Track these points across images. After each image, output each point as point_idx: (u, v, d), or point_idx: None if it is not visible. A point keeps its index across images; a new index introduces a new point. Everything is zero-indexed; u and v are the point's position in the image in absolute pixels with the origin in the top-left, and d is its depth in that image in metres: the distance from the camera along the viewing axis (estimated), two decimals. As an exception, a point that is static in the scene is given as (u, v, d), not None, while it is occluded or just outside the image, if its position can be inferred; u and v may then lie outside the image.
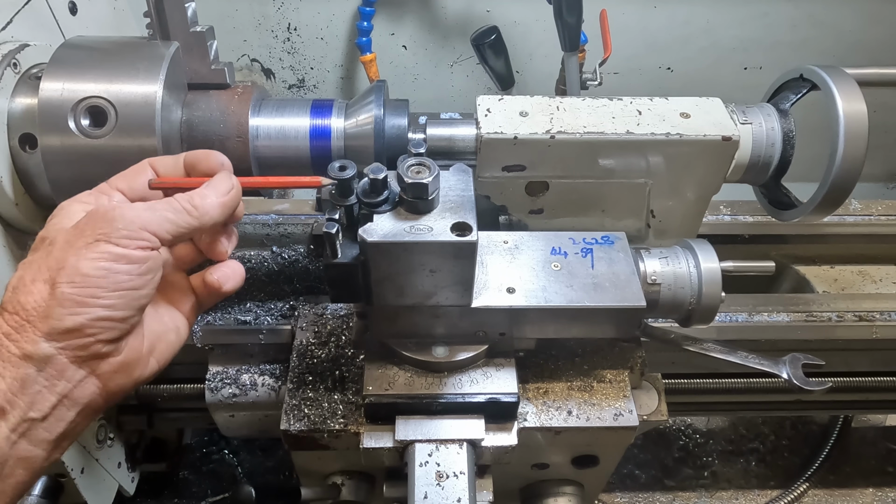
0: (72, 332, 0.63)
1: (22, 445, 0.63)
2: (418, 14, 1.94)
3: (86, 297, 0.63)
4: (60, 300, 0.62)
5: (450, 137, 0.95)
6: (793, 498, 1.53)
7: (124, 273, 0.65)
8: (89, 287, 0.63)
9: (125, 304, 0.66)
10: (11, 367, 0.61)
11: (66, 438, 0.67)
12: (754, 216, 1.35)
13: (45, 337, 0.62)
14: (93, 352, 0.65)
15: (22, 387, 0.62)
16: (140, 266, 0.66)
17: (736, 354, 0.93)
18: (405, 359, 0.90)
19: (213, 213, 0.72)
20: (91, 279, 0.63)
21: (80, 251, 0.64)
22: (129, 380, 0.70)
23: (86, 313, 0.63)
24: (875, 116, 0.95)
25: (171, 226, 0.69)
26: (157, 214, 0.69)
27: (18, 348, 0.62)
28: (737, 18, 1.95)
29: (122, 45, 0.97)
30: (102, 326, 0.64)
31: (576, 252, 0.90)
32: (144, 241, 0.67)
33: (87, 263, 0.63)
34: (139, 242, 0.66)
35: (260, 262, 1.09)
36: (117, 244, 0.65)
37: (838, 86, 0.96)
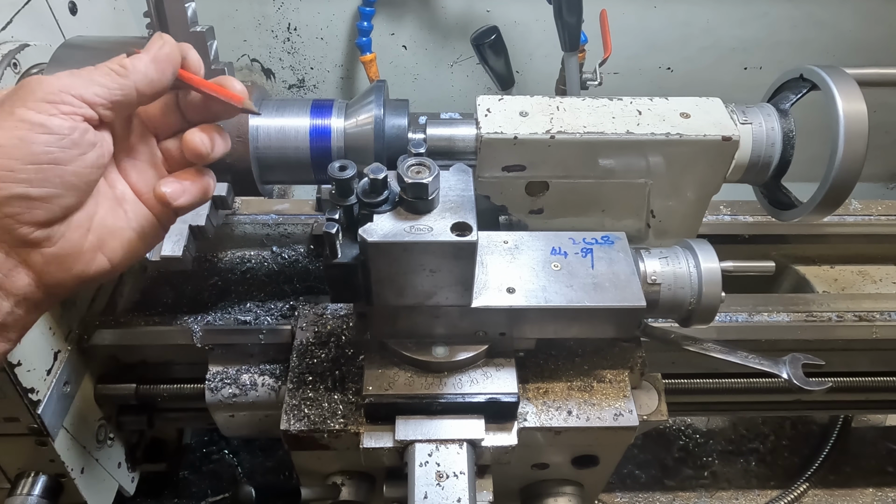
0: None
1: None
2: (418, 14, 1.94)
3: (2, 171, 0.59)
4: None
5: (450, 137, 0.95)
6: (793, 498, 1.53)
7: (42, 143, 0.60)
8: (3, 159, 0.59)
9: (44, 180, 0.61)
10: None
11: (8, 329, 0.64)
12: (754, 216, 1.35)
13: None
14: (18, 237, 0.61)
15: None
16: (62, 137, 0.61)
17: (736, 354, 0.93)
18: (405, 359, 0.90)
19: (146, 71, 0.66)
20: (4, 149, 0.59)
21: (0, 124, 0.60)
22: (67, 274, 0.65)
23: (2, 188, 0.59)
24: (875, 116, 0.95)
25: (99, 88, 0.64)
26: (82, 78, 0.64)
27: None
28: (737, 18, 1.95)
29: (122, 45, 0.96)
30: (21, 206, 0.60)
31: (576, 252, 0.90)
32: (66, 104, 0.62)
33: (2, 134, 0.59)
34: (60, 107, 0.61)
35: (260, 262, 1.09)
36: (34, 109, 0.60)
37: (838, 86, 0.96)
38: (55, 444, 1.02)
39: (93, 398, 1.11)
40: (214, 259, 1.10)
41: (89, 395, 1.11)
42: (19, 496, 1.08)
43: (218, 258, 1.10)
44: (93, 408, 1.12)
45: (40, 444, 1.02)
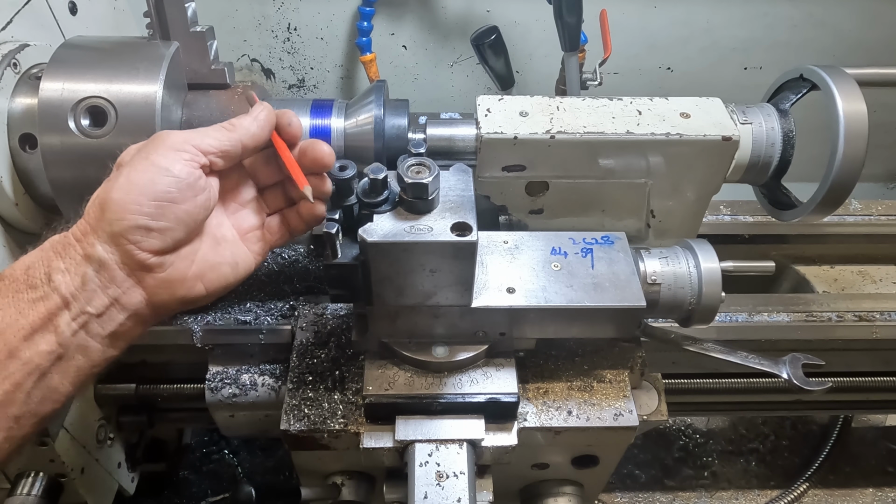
0: (118, 235, 0.71)
1: (81, 335, 0.72)
2: (418, 14, 1.94)
3: (129, 203, 0.70)
4: (110, 205, 0.71)
5: (450, 137, 0.95)
6: (793, 498, 1.53)
7: (165, 184, 0.72)
8: (133, 194, 0.71)
9: (162, 215, 0.72)
10: (76, 265, 0.71)
11: (119, 339, 0.75)
12: (754, 216, 1.35)
13: (99, 241, 0.71)
14: (138, 261, 0.72)
15: (82, 284, 0.71)
16: (181, 180, 0.73)
17: (736, 354, 0.93)
18: (405, 359, 0.90)
19: (249, 127, 0.78)
20: (135, 186, 0.71)
21: (134, 165, 0.72)
22: (171, 297, 0.76)
23: (128, 220, 0.70)
24: (875, 116, 0.95)
25: (213, 141, 0.76)
26: (200, 133, 0.76)
27: (83, 249, 0.71)
28: (737, 18, 1.95)
29: (122, 45, 0.97)
30: (142, 235, 0.71)
31: (576, 252, 0.90)
32: (187, 152, 0.74)
33: (135, 174, 0.71)
34: (183, 155, 0.73)
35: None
36: (163, 155, 0.73)
37: (838, 86, 0.96)
38: (55, 444, 1.02)
39: (93, 398, 1.11)
40: (214, 259, 1.10)
41: (89, 395, 1.11)
42: (19, 496, 1.08)
43: (218, 258, 1.10)
44: (93, 408, 1.12)
45: (40, 444, 1.02)
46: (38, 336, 0.70)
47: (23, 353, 0.69)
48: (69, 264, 0.71)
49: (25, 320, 0.69)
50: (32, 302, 0.70)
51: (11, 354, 0.68)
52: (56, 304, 0.70)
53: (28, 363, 0.69)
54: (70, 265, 0.71)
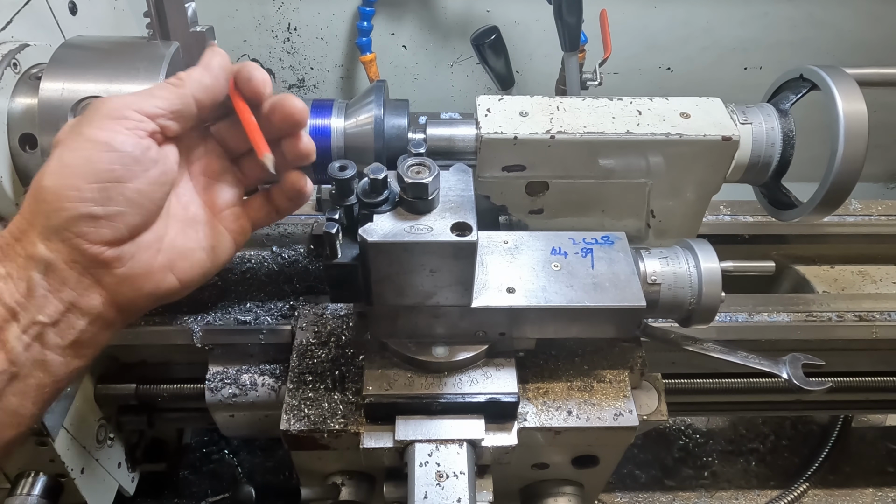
0: (59, 229, 0.61)
1: (35, 348, 0.63)
2: (418, 14, 1.94)
3: (65, 189, 0.60)
4: (43, 195, 0.61)
5: (450, 137, 0.95)
6: (793, 498, 1.53)
7: (105, 161, 0.61)
8: (68, 178, 0.60)
9: (108, 199, 0.62)
10: (18, 269, 0.61)
11: (83, 347, 0.66)
12: (754, 216, 1.35)
13: (40, 238, 0.61)
14: (89, 257, 0.62)
15: (28, 290, 0.61)
16: (126, 154, 0.62)
17: (736, 354, 0.93)
18: (405, 359, 0.90)
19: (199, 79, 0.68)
20: (69, 169, 0.61)
21: (66, 143, 0.62)
22: (138, 294, 0.67)
23: (67, 209, 0.60)
24: (875, 116, 0.95)
25: (159, 101, 0.65)
26: (142, 95, 0.65)
27: (23, 250, 0.62)
28: (737, 18, 1.96)
29: (122, 45, 0.97)
30: (88, 225, 0.61)
31: (576, 252, 0.90)
32: (128, 119, 0.63)
33: (69, 154, 0.61)
34: (124, 123, 0.63)
35: (260, 262, 1.09)
36: (98, 127, 0.62)
37: (838, 86, 0.96)
38: (55, 444, 1.02)
39: (93, 398, 1.11)
40: (214, 259, 1.10)
41: (89, 395, 1.11)
42: (19, 496, 1.08)
43: (218, 258, 1.10)
44: (93, 408, 1.12)
45: (40, 444, 1.02)
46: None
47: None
48: (10, 268, 0.61)
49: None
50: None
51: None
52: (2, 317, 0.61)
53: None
54: (11, 269, 0.61)
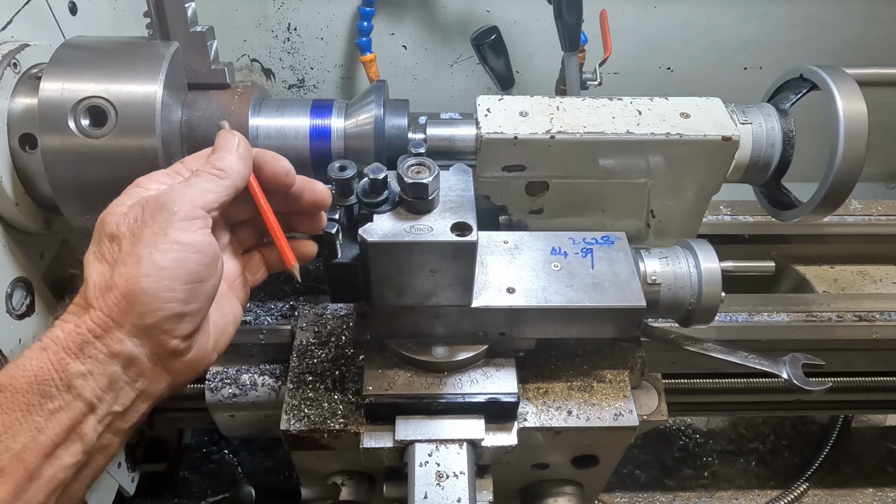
0: (152, 328, 0.64)
1: (106, 436, 0.65)
2: (418, 14, 1.94)
3: (163, 291, 0.64)
4: (142, 296, 0.63)
5: (450, 137, 0.95)
6: (793, 498, 1.53)
7: (193, 262, 0.66)
8: (166, 280, 0.64)
9: (195, 297, 0.66)
10: (100, 365, 0.63)
11: (135, 426, 0.69)
12: (754, 216, 1.35)
13: (128, 335, 0.64)
14: (169, 349, 0.66)
15: (109, 384, 0.64)
16: (205, 254, 0.67)
17: (736, 354, 0.93)
18: (405, 359, 0.90)
19: (238, 168, 0.72)
20: (166, 271, 0.64)
21: (151, 243, 0.65)
22: (194, 374, 0.71)
23: (164, 308, 0.64)
24: (875, 116, 0.95)
25: (211, 195, 0.69)
26: (196, 189, 0.69)
27: (106, 346, 0.63)
28: (737, 18, 1.95)
29: (122, 45, 0.97)
30: (175, 322, 0.65)
31: (576, 252, 0.90)
32: (199, 219, 0.67)
33: (160, 256, 0.64)
34: (197, 223, 0.67)
35: (260, 262, 1.09)
36: (182, 229, 0.66)
37: (838, 86, 0.96)
38: (55, 444, 1.02)
39: (93, 398, 1.11)
40: (214, 259, 1.10)
41: (89, 395, 1.11)
42: (19, 496, 1.07)
43: (218, 258, 1.10)
44: (93, 408, 1.12)
45: (40, 444, 1.01)
46: (62, 450, 0.62)
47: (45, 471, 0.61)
48: (92, 366, 0.63)
49: (45, 436, 0.61)
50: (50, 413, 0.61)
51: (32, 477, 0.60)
52: (80, 412, 0.62)
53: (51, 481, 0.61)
54: (93, 367, 0.63)
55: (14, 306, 0.96)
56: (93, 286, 0.65)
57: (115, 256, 0.65)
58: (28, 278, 0.99)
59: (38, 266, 1.02)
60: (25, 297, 0.99)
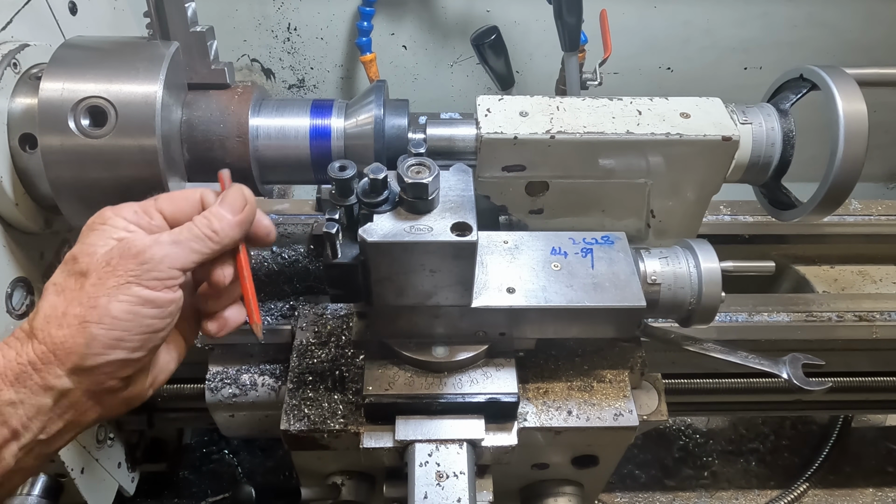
0: (92, 369, 0.65)
1: (26, 461, 0.66)
2: (418, 14, 1.94)
3: (113, 340, 0.65)
4: (89, 341, 0.64)
5: (450, 137, 0.95)
6: (793, 498, 1.53)
7: (150, 317, 0.67)
8: (117, 330, 0.65)
9: (144, 346, 0.67)
10: (32, 395, 0.64)
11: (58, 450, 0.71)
12: (754, 216, 1.35)
13: (67, 373, 0.64)
14: (106, 388, 0.67)
15: (37, 413, 0.65)
16: (165, 309, 0.68)
17: (736, 354, 0.93)
18: (405, 359, 0.90)
19: (232, 234, 0.72)
20: (119, 322, 0.65)
21: (112, 292, 0.65)
22: (127, 408, 0.72)
23: (109, 354, 0.65)
24: (875, 116, 0.95)
25: (196, 256, 0.69)
26: (183, 248, 0.69)
27: (42, 379, 0.64)
28: (737, 18, 1.95)
29: (122, 45, 0.97)
30: (118, 366, 0.67)
31: (576, 252, 0.90)
32: (172, 279, 0.68)
33: (117, 306, 0.65)
34: (167, 283, 0.67)
35: (260, 262, 1.09)
36: (147, 287, 0.66)
37: (838, 86, 0.96)
38: (55, 444, 1.02)
39: (93, 398, 1.11)
40: (214, 259, 1.10)
41: (89, 395, 1.11)
42: (19, 496, 1.08)
43: (218, 258, 1.10)
44: (93, 408, 1.12)
45: (40, 444, 1.02)
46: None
47: None
48: (24, 395, 0.63)
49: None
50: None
51: None
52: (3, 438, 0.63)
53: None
54: (25, 396, 0.63)
55: (14, 306, 0.96)
56: (42, 317, 0.65)
57: (75, 295, 0.65)
58: (28, 278, 0.99)
59: (38, 266, 1.02)
60: (25, 297, 0.99)
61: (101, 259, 0.66)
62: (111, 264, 0.66)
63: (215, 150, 0.95)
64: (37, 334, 0.65)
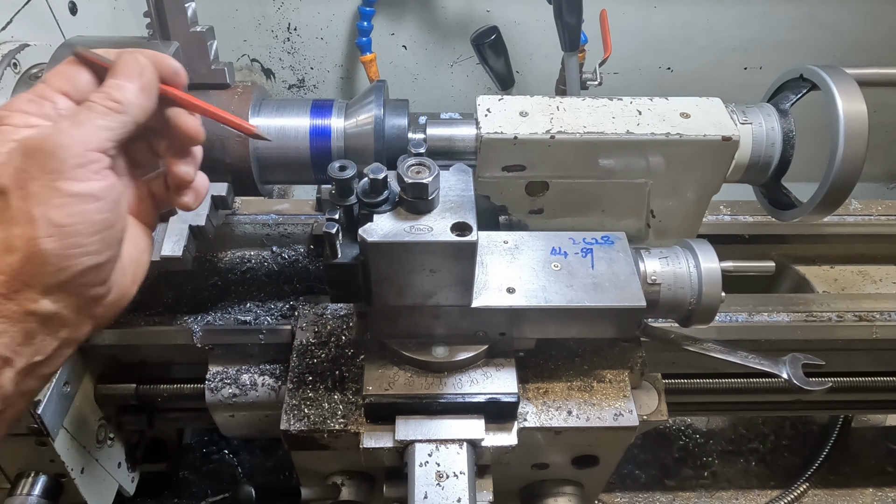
0: (65, 284, 0.62)
1: (27, 383, 0.64)
2: (418, 14, 1.94)
3: (71, 248, 0.61)
4: (45, 257, 0.60)
5: (450, 137, 0.95)
6: (793, 498, 1.53)
7: (96, 212, 0.62)
8: (70, 237, 0.60)
9: (106, 244, 0.64)
10: (15, 323, 0.61)
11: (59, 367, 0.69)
12: (754, 216, 1.35)
13: (42, 294, 0.61)
14: (88, 298, 0.65)
15: (26, 338, 0.62)
16: (106, 200, 0.63)
17: (736, 354, 0.93)
18: (405, 359, 0.90)
19: (139, 102, 0.66)
20: (68, 228, 0.60)
21: (44, 199, 0.59)
22: (116, 312, 0.70)
23: (75, 264, 0.61)
24: (875, 116, 0.95)
25: (106, 132, 0.63)
26: (89, 128, 0.62)
27: (19, 306, 0.61)
28: (737, 18, 1.96)
29: (122, 45, 0.96)
30: (92, 274, 0.63)
31: (576, 252, 0.90)
32: (94, 162, 0.62)
33: (57, 213, 0.59)
34: (92, 168, 0.62)
35: (260, 262, 1.09)
36: (74, 178, 0.60)
37: (838, 86, 0.96)
38: (55, 444, 1.02)
39: (93, 398, 1.11)
40: (214, 259, 1.10)
41: (89, 395, 1.11)
42: (19, 496, 1.08)
43: (218, 258, 1.10)
44: (93, 408, 1.12)
45: (40, 444, 1.02)
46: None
47: None
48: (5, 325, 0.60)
49: None
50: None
51: None
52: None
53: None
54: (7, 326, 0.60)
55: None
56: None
57: (6, 215, 0.60)
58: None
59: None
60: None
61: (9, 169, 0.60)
62: (23, 169, 0.60)
63: (215, 150, 0.95)
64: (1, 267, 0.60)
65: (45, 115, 0.64)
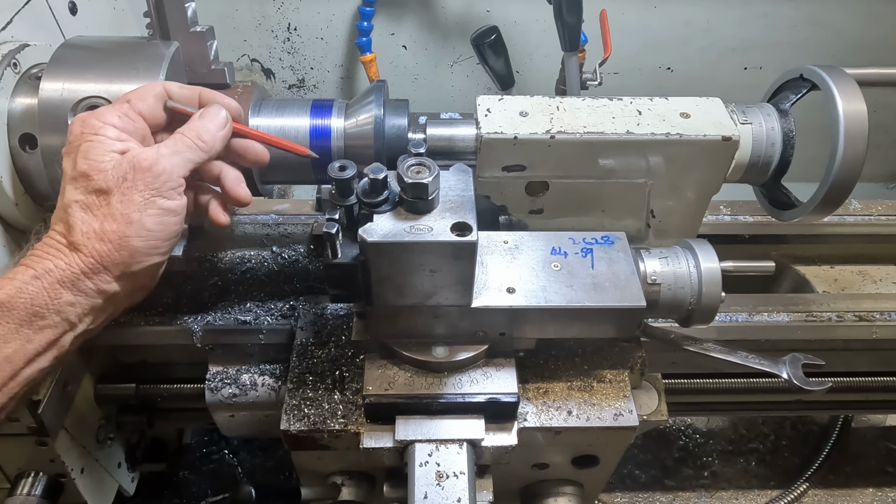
0: (137, 274, 0.80)
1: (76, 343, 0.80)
2: (418, 14, 1.94)
3: (151, 249, 0.79)
4: (132, 252, 0.78)
5: (450, 137, 0.95)
6: (793, 498, 1.53)
7: (172, 224, 0.80)
8: (153, 240, 0.79)
9: (170, 248, 0.83)
10: (88, 298, 0.78)
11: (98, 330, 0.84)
12: (754, 216, 1.35)
13: (115, 278, 0.78)
14: (140, 286, 0.83)
15: (90, 310, 0.79)
16: (181, 215, 0.81)
17: (736, 354, 0.93)
18: (405, 359, 0.90)
19: (217, 146, 0.84)
20: (153, 233, 0.79)
21: (142, 207, 0.77)
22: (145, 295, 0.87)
23: (149, 260, 0.80)
24: (875, 116, 0.95)
25: (191, 164, 0.81)
26: (181, 159, 0.80)
27: (95, 285, 0.77)
28: (737, 18, 1.96)
29: (122, 45, 0.97)
30: (157, 268, 0.82)
31: (576, 252, 0.90)
32: (181, 186, 0.80)
33: (149, 220, 0.78)
34: (178, 190, 0.80)
35: (260, 262, 1.09)
36: (166, 197, 0.79)
37: (838, 86, 0.96)
38: (55, 444, 1.02)
39: (93, 398, 1.11)
40: (214, 259, 1.10)
41: (89, 395, 1.11)
42: (19, 496, 1.08)
43: (218, 258, 1.09)
44: (93, 408, 1.12)
45: (40, 444, 1.02)
46: (42, 357, 0.77)
47: (25, 371, 0.76)
48: (80, 298, 0.77)
49: (32, 346, 0.76)
50: (39, 329, 0.76)
51: (14, 375, 0.76)
52: (63, 330, 0.77)
53: (27, 379, 0.77)
54: (80, 299, 0.77)
55: (14, 306, 0.96)
56: (80, 234, 0.76)
57: (105, 211, 0.77)
58: (28, 278, 0.99)
59: (38, 266, 1.02)
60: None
61: (115, 176, 0.77)
62: (129, 180, 0.77)
63: (215, 150, 0.95)
64: (81, 248, 0.76)
65: (130, 132, 0.81)
